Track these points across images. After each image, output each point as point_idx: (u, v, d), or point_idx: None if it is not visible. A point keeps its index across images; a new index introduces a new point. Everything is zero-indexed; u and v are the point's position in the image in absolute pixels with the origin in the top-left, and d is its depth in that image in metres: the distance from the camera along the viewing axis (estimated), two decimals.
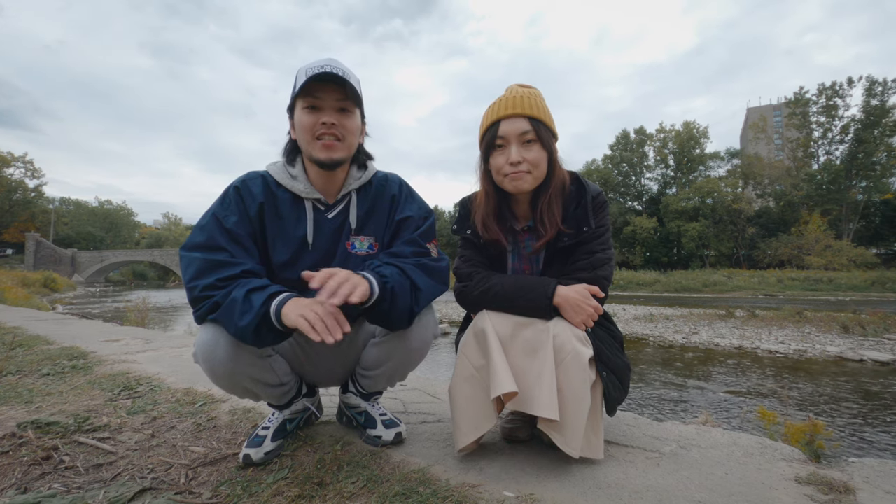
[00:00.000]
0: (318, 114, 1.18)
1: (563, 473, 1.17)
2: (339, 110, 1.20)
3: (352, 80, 1.18)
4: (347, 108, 1.21)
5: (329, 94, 1.17)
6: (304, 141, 1.21)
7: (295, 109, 1.21)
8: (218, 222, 1.17)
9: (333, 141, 1.19)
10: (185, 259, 1.14)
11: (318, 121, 1.18)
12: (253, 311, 1.03)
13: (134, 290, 35.43)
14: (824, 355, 7.38)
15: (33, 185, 56.40)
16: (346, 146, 1.23)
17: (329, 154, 1.20)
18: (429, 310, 1.30)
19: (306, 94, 1.17)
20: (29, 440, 1.37)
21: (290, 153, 1.30)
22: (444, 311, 14.00)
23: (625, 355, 1.35)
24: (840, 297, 23.42)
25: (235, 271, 1.11)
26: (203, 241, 1.14)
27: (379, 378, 1.36)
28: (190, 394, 1.94)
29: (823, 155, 40.93)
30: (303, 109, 1.18)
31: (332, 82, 1.16)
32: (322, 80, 1.14)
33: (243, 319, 1.03)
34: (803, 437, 1.53)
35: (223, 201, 1.21)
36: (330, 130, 1.18)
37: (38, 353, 2.88)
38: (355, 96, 1.20)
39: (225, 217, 1.18)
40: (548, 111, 1.28)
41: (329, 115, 1.18)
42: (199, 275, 1.10)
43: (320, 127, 1.18)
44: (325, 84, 1.16)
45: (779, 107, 78.35)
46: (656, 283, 31.86)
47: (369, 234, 1.32)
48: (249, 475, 1.16)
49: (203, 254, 1.12)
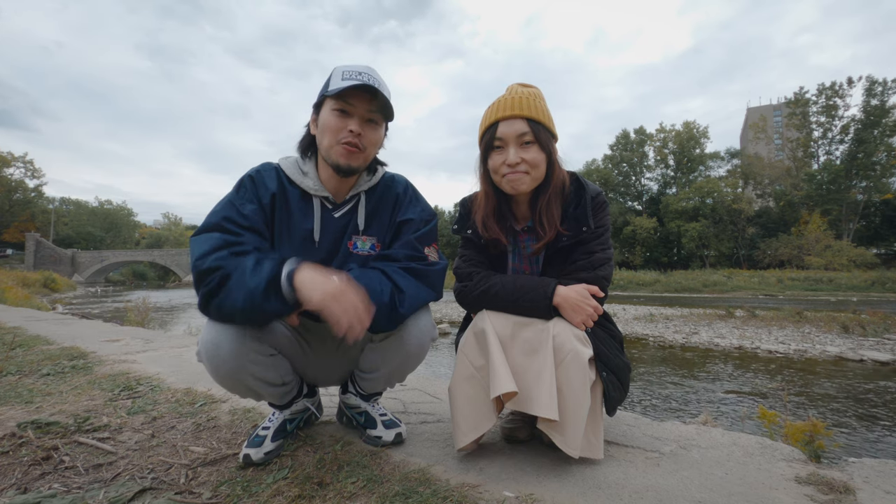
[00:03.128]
0: (347, 120, 1.18)
1: (563, 473, 1.17)
2: (367, 120, 1.21)
3: (385, 92, 1.19)
4: (375, 120, 1.22)
5: (361, 103, 1.18)
6: (325, 142, 1.21)
7: (322, 107, 1.21)
8: (235, 209, 1.17)
9: (355, 149, 1.20)
10: (199, 240, 1.10)
11: (346, 127, 1.18)
12: (265, 271, 1.02)
13: (134, 290, 35.43)
14: (824, 355, 7.37)
15: (33, 185, 56.58)
16: (365, 157, 1.24)
17: (348, 161, 1.20)
18: (425, 313, 1.29)
19: (339, 98, 1.17)
20: (29, 440, 1.37)
21: (305, 148, 1.30)
22: (444, 311, 14.00)
23: (625, 355, 1.35)
24: (840, 297, 23.43)
25: (248, 248, 1.10)
26: (217, 223, 1.13)
27: (377, 380, 1.36)
28: (190, 394, 1.94)
29: (823, 155, 40.99)
30: (332, 111, 1.18)
31: (367, 92, 1.17)
32: (358, 88, 1.15)
33: (253, 279, 1.01)
34: (803, 437, 1.53)
35: (239, 189, 1.22)
36: (354, 140, 1.19)
37: (38, 353, 2.87)
38: (385, 110, 1.21)
39: (241, 205, 1.18)
40: (547, 112, 1.28)
41: (356, 124, 1.18)
42: (212, 250, 1.07)
43: (346, 134, 1.18)
44: (359, 92, 1.17)
45: (779, 107, 78.40)
46: (656, 283, 31.86)
47: (372, 235, 1.32)
48: (249, 475, 1.16)
49: (218, 234, 1.11)
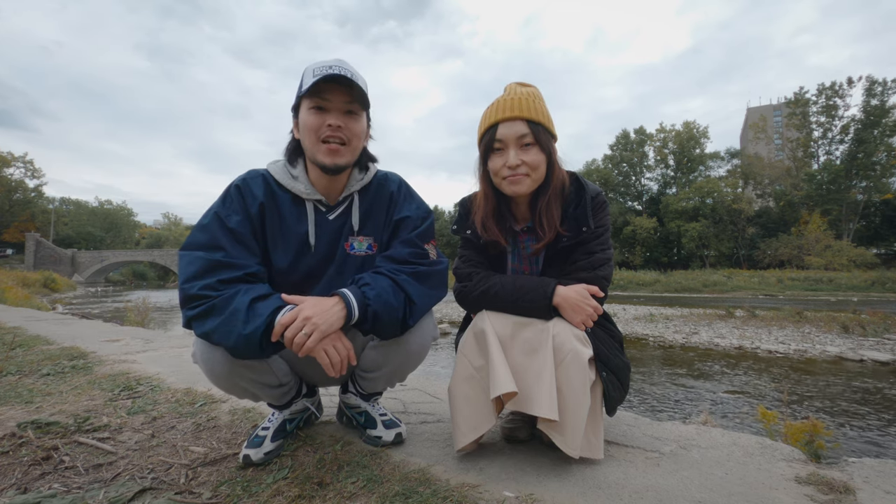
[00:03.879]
0: (325, 115, 1.16)
1: (563, 473, 1.17)
2: (345, 112, 1.18)
3: (360, 82, 1.16)
4: (354, 111, 1.19)
5: (336, 96, 1.15)
6: (308, 142, 1.19)
7: (300, 109, 1.19)
8: (220, 221, 1.15)
9: (338, 146, 1.18)
10: (186, 258, 1.10)
11: (325, 122, 1.16)
12: (260, 319, 1.01)
13: (134, 290, 35.43)
14: (824, 355, 7.37)
15: (33, 185, 56.52)
16: (351, 150, 1.21)
17: (333, 159, 1.18)
18: (427, 314, 1.29)
19: (313, 95, 1.14)
20: (29, 440, 1.37)
21: (291, 153, 1.28)
22: (444, 311, 14.00)
23: (625, 355, 1.35)
24: (840, 297, 23.42)
25: (238, 273, 1.09)
26: (205, 241, 1.12)
27: (378, 380, 1.36)
28: (190, 394, 1.94)
29: (823, 155, 40.96)
30: (309, 110, 1.16)
31: (340, 84, 1.14)
32: (330, 81, 1.13)
33: (247, 327, 1.00)
34: (803, 437, 1.54)
35: (225, 200, 1.19)
36: (335, 133, 1.17)
37: (38, 353, 2.87)
38: (363, 99, 1.19)
39: (227, 216, 1.16)
40: (547, 112, 1.27)
41: (335, 118, 1.16)
42: (199, 275, 1.07)
43: (326, 129, 1.16)
44: (332, 85, 1.14)
45: (779, 107, 78.36)
46: (656, 283, 31.85)
47: (368, 235, 1.31)
48: (249, 475, 1.16)
49: (205, 253, 1.10)
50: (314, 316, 1.02)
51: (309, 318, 1.01)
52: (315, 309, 1.03)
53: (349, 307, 1.08)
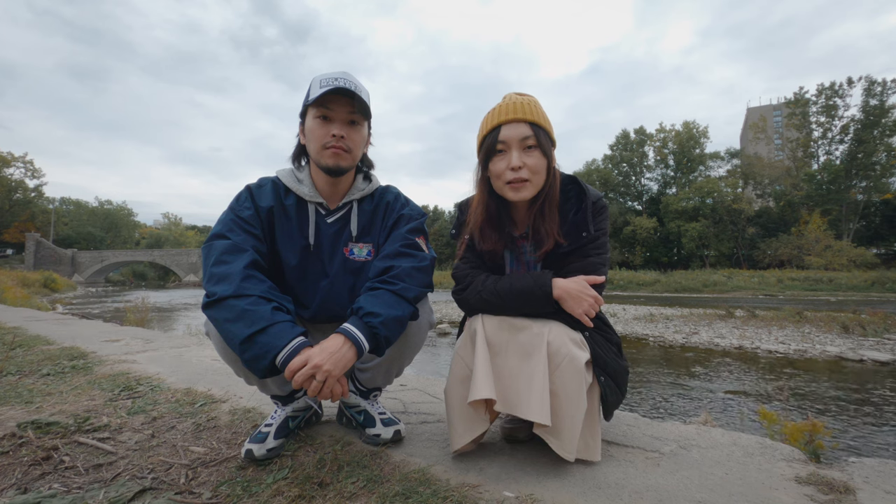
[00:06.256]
0: (329, 125, 1.26)
1: (563, 473, 1.17)
2: (349, 122, 1.28)
3: (363, 94, 1.27)
4: (357, 121, 1.30)
5: (340, 107, 1.25)
6: (313, 148, 1.29)
7: (307, 116, 1.30)
8: (234, 214, 1.27)
9: (341, 151, 1.27)
10: (207, 248, 1.22)
11: (329, 132, 1.26)
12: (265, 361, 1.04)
13: (134, 290, 35.44)
14: (824, 355, 7.37)
15: (33, 185, 56.49)
16: (353, 157, 1.31)
17: (337, 161, 1.28)
18: (423, 301, 1.34)
19: (319, 105, 1.25)
20: (29, 440, 1.37)
21: (297, 157, 1.40)
22: (444, 311, 14.00)
23: (623, 359, 1.35)
24: (840, 297, 23.42)
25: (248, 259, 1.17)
26: (220, 231, 1.24)
27: (376, 371, 1.38)
28: (190, 394, 1.94)
29: (823, 155, 40.93)
30: (315, 119, 1.27)
31: (344, 95, 1.23)
32: (335, 93, 1.22)
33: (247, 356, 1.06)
34: (803, 436, 1.53)
35: (238, 199, 1.31)
36: (339, 143, 1.26)
37: (38, 353, 2.88)
38: (364, 110, 1.29)
39: (240, 210, 1.28)
40: (547, 118, 1.28)
41: (339, 128, 1.26)
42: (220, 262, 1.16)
43: (330, 139, 1.26)
44: (337, 96, 1.24)
45: (779, 107, 78.44)
46: (656, 283, 31.81)
47: (367, 242, 1.38)
48: (249, 475, 1.16)
49: (221, 241, 1.21)
50: (324, 364, 1.04)
51: (319, 366, 1.03)
52: (323, 355, 1.05)
53: (358, 344, 1.10)
